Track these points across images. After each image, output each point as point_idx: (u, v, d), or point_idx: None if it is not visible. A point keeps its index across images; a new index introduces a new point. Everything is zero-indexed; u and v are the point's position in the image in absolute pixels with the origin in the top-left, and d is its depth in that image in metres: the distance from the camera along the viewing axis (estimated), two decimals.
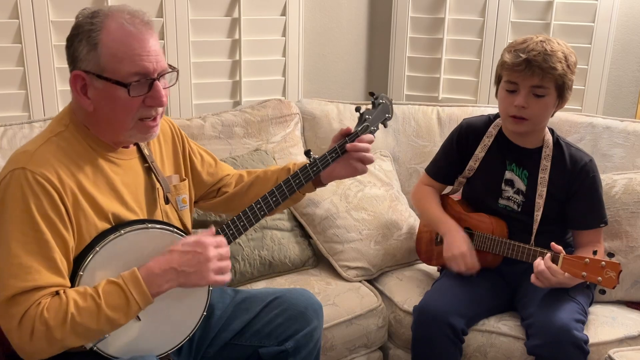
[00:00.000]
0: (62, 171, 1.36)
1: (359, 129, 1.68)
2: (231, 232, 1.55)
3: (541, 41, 1.85)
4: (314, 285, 2.15)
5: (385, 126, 1.79)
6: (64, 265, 1.34)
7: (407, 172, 2.54)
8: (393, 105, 1.82)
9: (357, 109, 1.72)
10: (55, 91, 2.25)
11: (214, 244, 1.44)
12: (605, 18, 2.57)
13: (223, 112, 2.42)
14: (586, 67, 2.62)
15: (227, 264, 1.47)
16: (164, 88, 1.41)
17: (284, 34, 2.64)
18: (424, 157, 2.49)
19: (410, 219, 2.35)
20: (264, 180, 1.75)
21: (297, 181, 1.63)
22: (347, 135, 1.67)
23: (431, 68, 2.86)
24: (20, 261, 1.29)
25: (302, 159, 2.49)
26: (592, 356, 1.80)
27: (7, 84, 2.20)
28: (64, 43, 1.41)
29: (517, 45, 1.88)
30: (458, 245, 1.97)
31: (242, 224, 1.57)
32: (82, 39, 1.36)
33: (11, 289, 1.28)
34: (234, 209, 1.77)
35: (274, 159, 2.38)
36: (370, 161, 1.67)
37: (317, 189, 1.75)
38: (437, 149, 2.23)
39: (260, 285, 2.13)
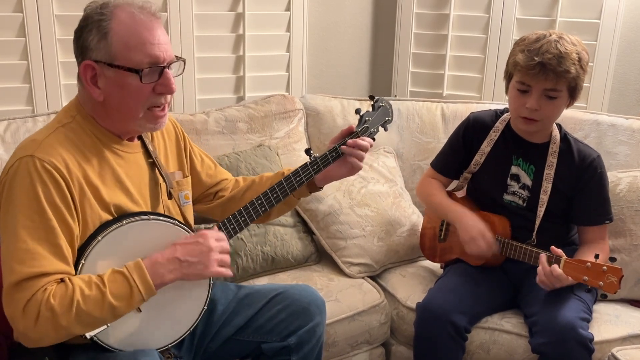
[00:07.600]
0: (69, 160, 1.37)
1: (359, 129, 1.72)
2: (232, 226, 1.60)
3: (555, 41, 1.80)
4: (317, 281, 2.15)
5: (385, 129, 1.81)
6: (69, 253, 1.36)
7: (411, 168, 2.54)
8: (393, 109, 1.84)
9: (357, 111, 1.75)
10: (59, 85, 2.25)
11: (215, 237, 1.49)
12: (612, 14, 2.55)
13: (227, 107, 2.41)
14: (592, 64, 2.59)
15: (228, 257, 1.51)
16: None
17: (288, 29, 2.64)
18: (427, 153, 2.49)
19: (413, 216, 2.35)
20: (259, 186, 1.78)
21: (298, 179, 1.66)
22: (348, 135, 1.69)
23: (436, 64, 2.86)
24: (27, 247, 1.30)
25: (305, 158, 2.49)
26: (596, 354, 1.79)
27: (11, 78, 2.20)
28: (69, 37, 1.42)
29: (531, 45, 1.83)
30: (474, 225, 1.95)
31: (242, 219, 1.61)
32: (91, 29, 1.38)
33: (17, 275, 1.30)
34: (229, 213, 1.79)
35: (277, 154, 2.37)
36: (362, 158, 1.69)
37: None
38: (441, 145, 2.22)
39: (262, 281, 2.13)
